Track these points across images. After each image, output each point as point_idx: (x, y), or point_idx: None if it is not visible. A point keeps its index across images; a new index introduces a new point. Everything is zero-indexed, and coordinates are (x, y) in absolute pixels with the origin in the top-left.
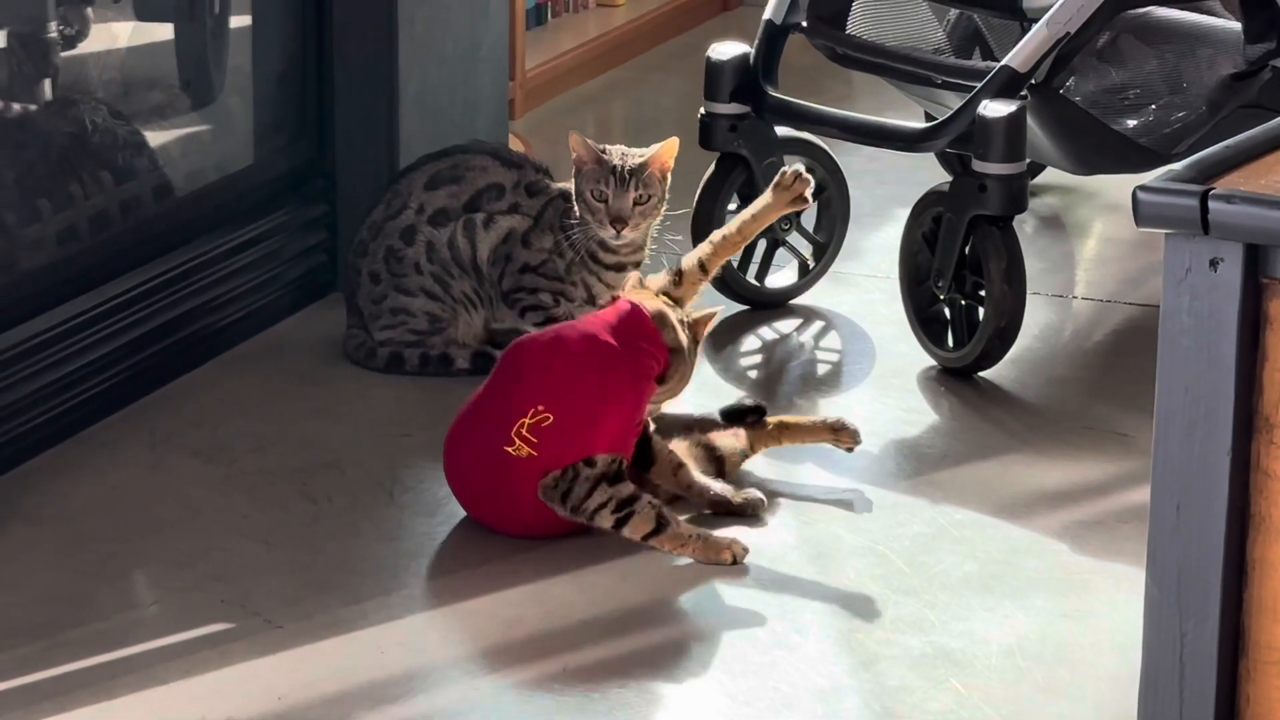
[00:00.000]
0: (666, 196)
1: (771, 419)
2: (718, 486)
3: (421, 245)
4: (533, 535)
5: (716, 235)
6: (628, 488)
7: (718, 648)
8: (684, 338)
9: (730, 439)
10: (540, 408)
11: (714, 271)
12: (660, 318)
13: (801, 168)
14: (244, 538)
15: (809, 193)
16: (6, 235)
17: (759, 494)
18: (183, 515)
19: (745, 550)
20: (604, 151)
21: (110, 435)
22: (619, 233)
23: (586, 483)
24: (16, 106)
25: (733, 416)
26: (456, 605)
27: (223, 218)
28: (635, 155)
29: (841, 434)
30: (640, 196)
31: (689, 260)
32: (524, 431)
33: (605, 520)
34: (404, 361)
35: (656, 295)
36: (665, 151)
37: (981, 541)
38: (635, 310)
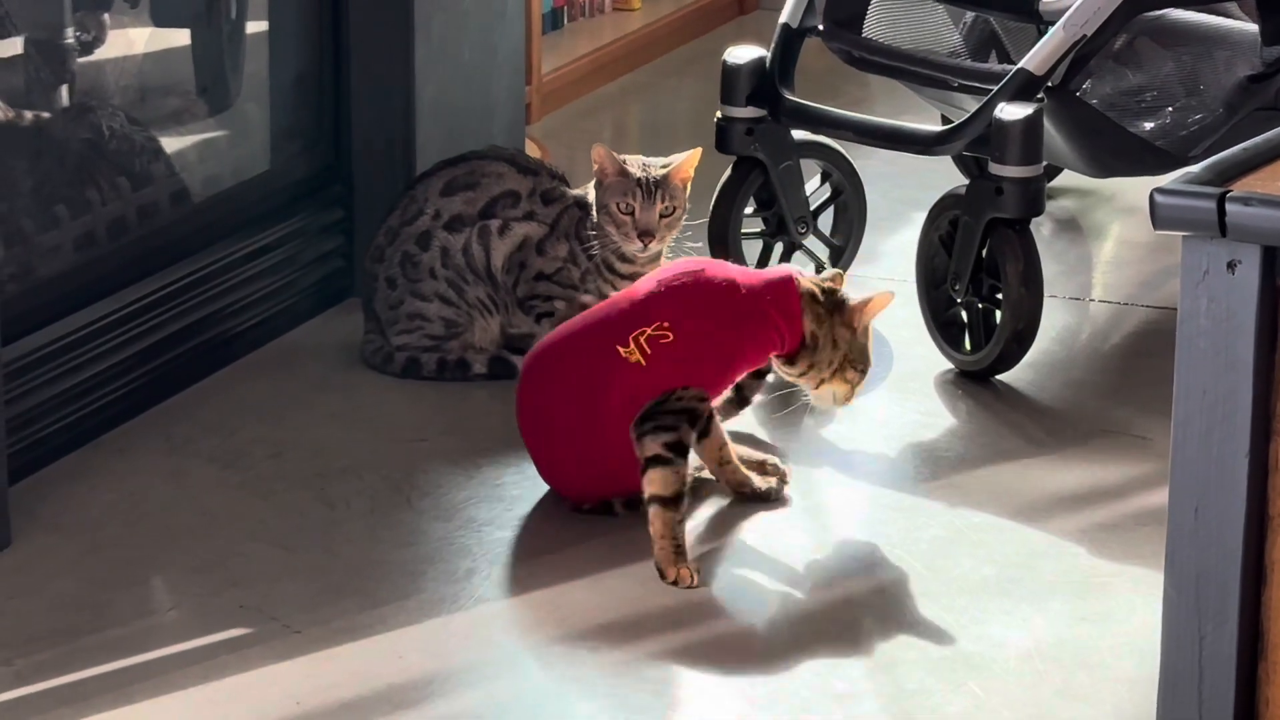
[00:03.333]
0: (688, 206)
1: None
2: (757, 480)
3: (436, 250)
4: (590, 469)
5: None
6: (691, 436)
7: (735, 652)
8: (822, 334)
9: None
10: (666, 324)
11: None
12: (810, 302)
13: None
14: (261, 543)
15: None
16: (24, 241)
17: (781, 470)
18: (200, 521)
19: (693, 583)
20: (628, 163)
21: (127, 441)
22: (646, 246)
23: (676, 403)
24: (34, 113)
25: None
26: (474, 610)
27: (239, 223)
28: (658, 167)
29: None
30: (666, 209)
31: None
32: (642, 340)
33: (653, 446)
34: (421, 367)
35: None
36: (688, 163)
37: (999, 545)
38: (788, 281)
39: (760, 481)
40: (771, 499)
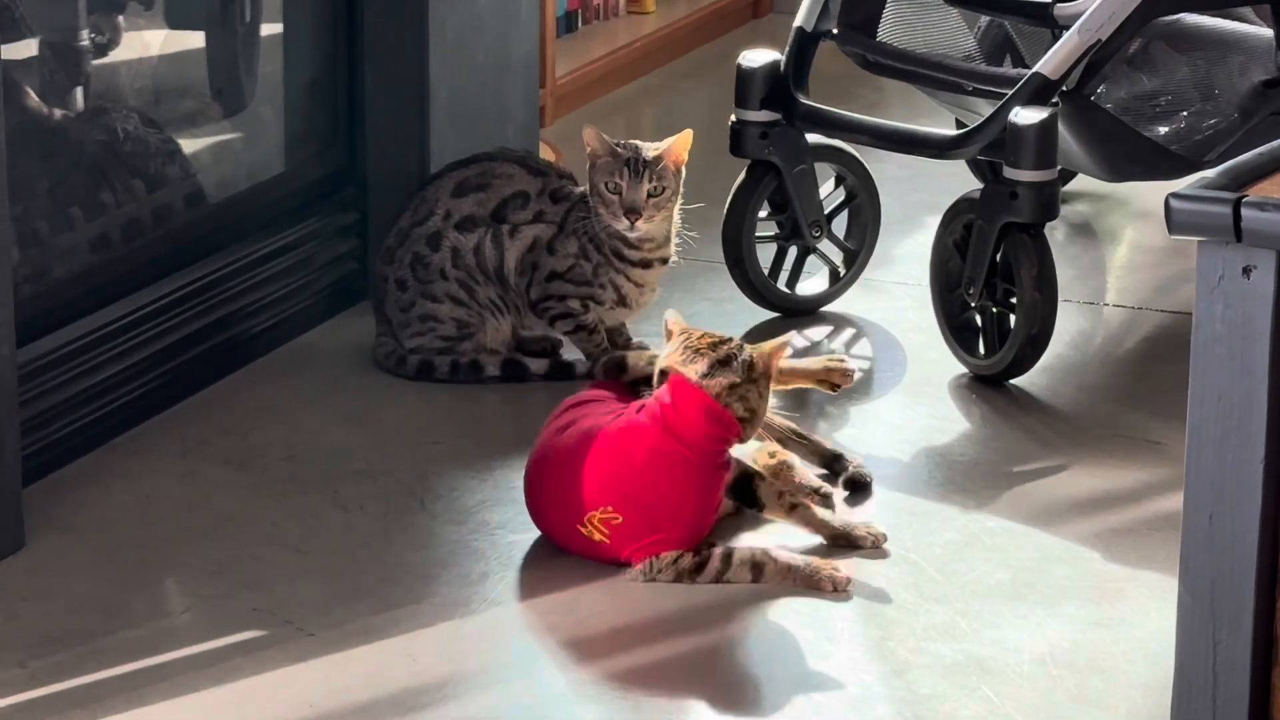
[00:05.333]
0: (681, 190)
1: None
2: (838, 522)
3: (447, 251)
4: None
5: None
6: (707, 553)
7: (749, 656)
8: (754, 395)
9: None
10: (609, 508)
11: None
12: (726, 393)
13: (852, 367)
14: (275, 545)
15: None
16: (39, 243)
17: (879, 527)
18: (214, 523)
19: (849, 582)
20: (619, 144)
21: (142, 443)
22: (633, 224)
23: (669, 568)
24: (49, 115)
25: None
26: (488, 613)
27: (254, 225)
28: (650, 148)
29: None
30: (654, 188)
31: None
32: (595, 522)
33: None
34: (434, 369)
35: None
36: (679, 144)
37: (1013, 549)
38: (691, 397)
39: (858, 529)
40: (869, 546)
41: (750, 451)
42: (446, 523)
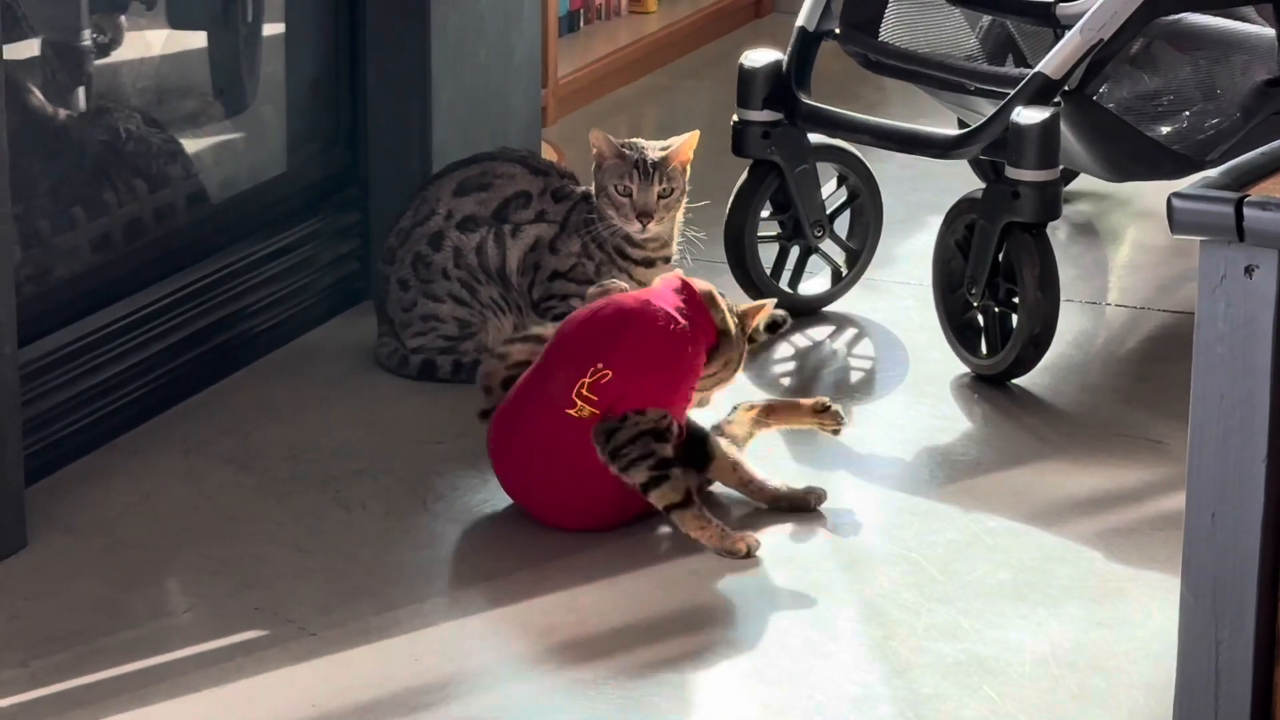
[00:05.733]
0: (687, 189)
1: (756, 404)
2: (777, 482)
3: (449, 251)
4: (584, 519)
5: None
6: (669, 450)
7: (751, 655)
8: (733, 323)
9: (723, 443)
10: (599, 365)
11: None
12: (710, 298)
13: (841, 414)
14: (277, 545)
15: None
16: (41, 243)
17: (821, 487)
18: (216, 523)
19: (757, 543)
20: (625, 146)
21: (143, 443)
22: (645, 226)
23: (633, 428)
24: (51, 115)
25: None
26: (490, 612)
27: (256, 225)
28: (657, 149)
29: (824, 416)
30: (665, 190)
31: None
32: (584, 391)
33: (639, 474)
34: (437, 369)
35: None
36: (686, 145)
37: (1015, 549)
38: (687, 285)
39: (799, 490)
40: (811, 506)
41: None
42: (448, 522)
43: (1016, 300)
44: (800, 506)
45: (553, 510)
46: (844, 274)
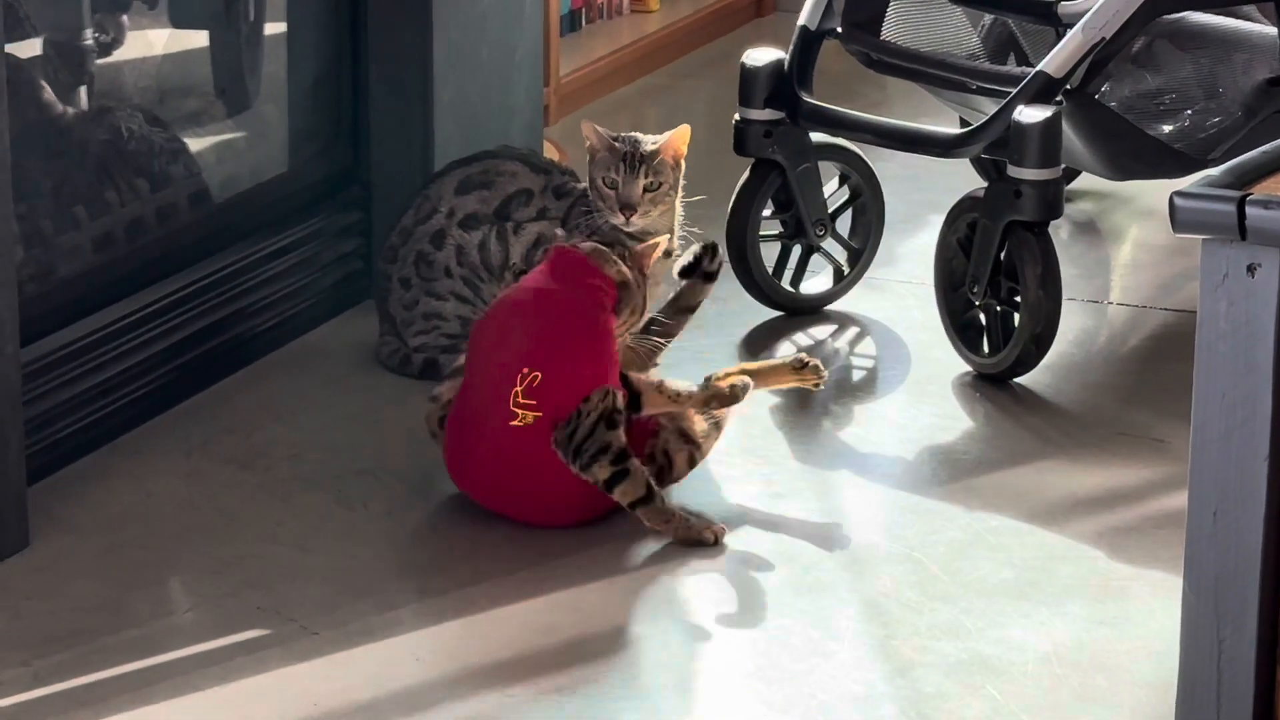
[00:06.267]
0: (681, 183)
1: (731, 370)
2: (694, 386)
3: (451, 249)
4: (555, 516)
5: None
6: (621, 436)
7: (754, 655)
8: (627, 270)
9: (699, 421)
10: (525, 370)
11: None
12: (596, 254)
13: (821, 366)
14: (279, 544)
15: (817, 381)
16: (43, 242)
17: (746, 379)
18: (218, 522)
19: (724, 530)
20: (616, 139)
21: (145, 442)
22: (628, 219)
23: (589, 419)
24: (53, 114)
25: (688, 270)
26: (492, 612)
27: (258, 224)
28: (648, 142)
29: (804, 372)
30: (651, 183)
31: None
32: (520, 399)
33: (602, 470)
34: (439, 367)
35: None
36: (677, 138)
37: (1017, 548)
38: (568, 253)
39: (723, 384)
40: (740, 398)
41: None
42: (450, 521)
43: (1018, 299)
44: (730, 400)
45: (540, 513)
46: (846, 273)
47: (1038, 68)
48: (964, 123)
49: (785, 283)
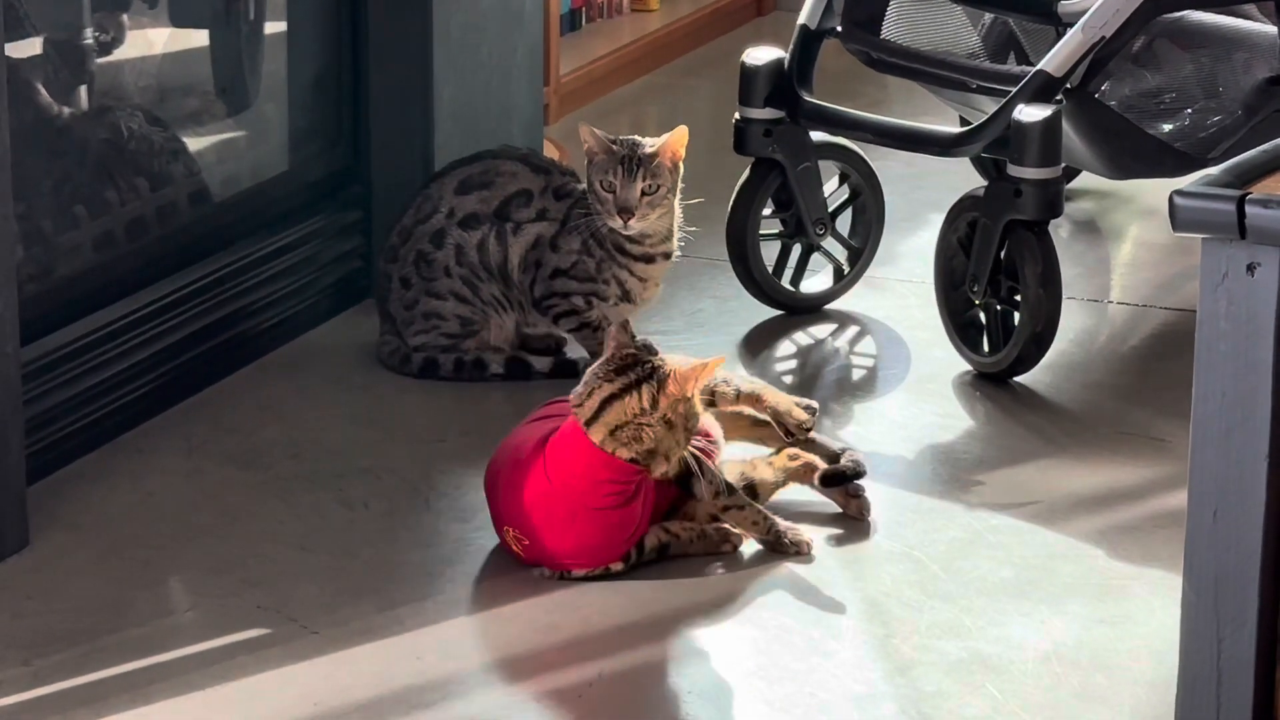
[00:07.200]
0: (680, 185)
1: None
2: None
3: (451, 248)
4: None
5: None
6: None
7: (754, 654)
8: (650, 434)
9: (767, 469)
10: (513, 531)
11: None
12: (614, 436)
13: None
14: (280, 544)
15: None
16: (43, 242)
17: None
18: (219, 521)
19: (811, 543)
20: (614, 142)
21: (146, 442)
22: (626, 223)
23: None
24: (53, 113)
25: (832, 480)
26: (492, 611)
27: (258, 224)
28: (646, 145)
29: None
30: (649, 187)
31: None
32: (510, 535)
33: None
34: (439, 367)
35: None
36: (675, 140)
37: (1017, 547)
38: (585, 449)
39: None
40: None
41: (770, 456)
42: (451, 521)
43: (1018, 298)
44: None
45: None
46: (846, 272)
47: (1038, 67)
48: (964, 122)
49: (785, 282)
